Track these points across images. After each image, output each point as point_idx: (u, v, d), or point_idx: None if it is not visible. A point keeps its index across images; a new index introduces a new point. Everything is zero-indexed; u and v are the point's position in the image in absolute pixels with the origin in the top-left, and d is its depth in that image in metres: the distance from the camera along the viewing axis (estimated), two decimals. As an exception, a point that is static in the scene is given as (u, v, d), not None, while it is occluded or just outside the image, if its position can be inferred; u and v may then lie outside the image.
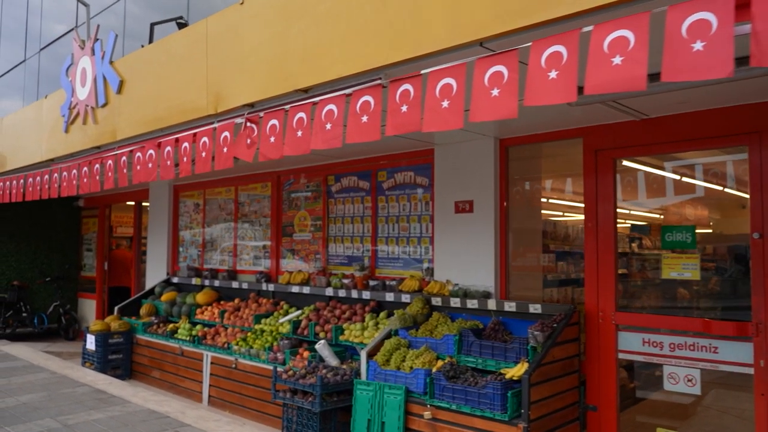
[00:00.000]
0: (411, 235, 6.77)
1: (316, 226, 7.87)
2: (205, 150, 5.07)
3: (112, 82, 6.28)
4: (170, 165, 5.47)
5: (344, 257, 7.51)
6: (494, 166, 5.92)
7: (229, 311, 8.17)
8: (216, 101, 5.01)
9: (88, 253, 13.04)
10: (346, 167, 7.48)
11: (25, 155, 8.43)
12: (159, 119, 5.70)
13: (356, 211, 7.39)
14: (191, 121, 5.37)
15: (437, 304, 6.14)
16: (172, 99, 5.55)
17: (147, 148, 5.80)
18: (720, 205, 5.40)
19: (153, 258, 10.63)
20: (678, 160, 5.27)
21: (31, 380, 7.33)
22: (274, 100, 4.57)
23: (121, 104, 6.21)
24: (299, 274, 7.85)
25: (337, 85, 4.10)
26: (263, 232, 8.65)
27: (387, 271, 7.01)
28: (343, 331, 6.57)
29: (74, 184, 7.10)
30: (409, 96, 3.56)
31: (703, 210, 5.49)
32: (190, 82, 5.30)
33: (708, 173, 5.26)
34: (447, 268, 6.25)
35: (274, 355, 6.73)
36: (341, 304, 7.11)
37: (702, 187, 5.33)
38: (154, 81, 5.79)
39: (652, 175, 5.59)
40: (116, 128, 6.27)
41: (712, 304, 5.18)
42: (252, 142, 4.67)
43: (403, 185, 6.89)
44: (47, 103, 7.90)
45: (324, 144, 4.01)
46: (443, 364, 5.17)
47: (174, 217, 10.32)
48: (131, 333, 9.02)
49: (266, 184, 8.62)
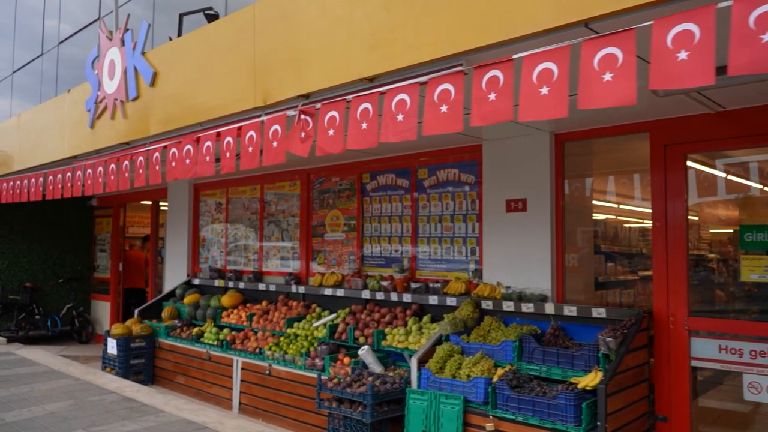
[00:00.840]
0: (455, 235, 6.47)
1: (349, 226, 7.56)
2: (252, 145, 4.76)
3: (144, 75, 5.96)
4: (210, 161, 5.15)
5: (381, 258, 7.20)
6: (549, 163, 5.62)
7: (258, 314, 7.86)
8: (265, 93, 4.69)
9: (102, 254, 12.71)
10: (382, 164, 7.17)
11: (45, 152, 8.10)
12: (197, 113, 5.38)
13: (394, 210, 7.08)
14: (235, 114, 5.06)
15: (488, 308, 5.84)
16: (213, 92, 5.24)
17: (184, 143, 5.49)
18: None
19: (172, 259, 10.31)
20: (759, 155, 4.97)
21: (55, 387, 7.01)
22: (333, 91, 4.26)
23: (155, 98, 5.89)
24: (332, 276, 7.54)
25: (408, 73, 3.80)
26: (291, 232, 8.34)
27: (428, 272, 6.71)
28: (385, 336, 6.27)
29: (100, 181, 6.78)
30: (498, 83, 3.25)
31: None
32: (235, 73, 4.99)
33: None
34: (496, 270, 5.94)
35: (312, 361, 6.42)
36: (379, 308, 6.81)
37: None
38: (193, 73, 5.47)
39: (728, 170, 5.29)
40: (149, 123, 5.95)
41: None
42: (307, 136, 4.36)
43: (446, 183, 6.58)
44: (70, 97, 7.57)
45: (396, 137, 3.70)
46: (505, 372, 4.87)
47: (194, 216, 10.00)
48: (153, 337, 8.70)
49: (295, 182, 8.31)
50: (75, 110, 7.39)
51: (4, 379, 7.42)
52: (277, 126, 4.57)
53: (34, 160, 8.31)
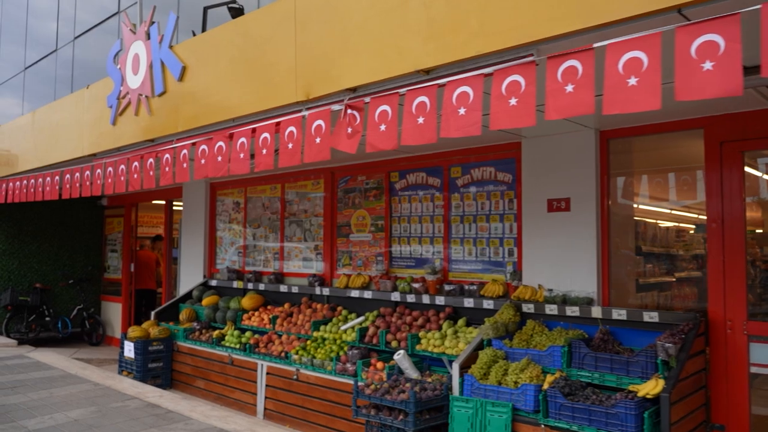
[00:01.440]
0: (491, 235, 6.26)
1: (377, 226, 7.34)
2: (292, 141, 4.54)
3: (172, 69, 5.74)
4: (245, 158, 4.94)
5: (411, 259, 6.99)
6: (595, 161, 5.41)
7: (281, 317, 7.64)
8: (307, 87, 4.48)
9: (113, 254, 12.49)
10: (412, 163, 6.96)
11: (62, 150, 7.87)
12: (231, 108, 5.16)
13: (425, 209, 6.87)
14: (272, 109, 4.85)
15: (528, 311, 5.63)
16: (248, 86, 5.02)
17: (216, 140, 5.27)
18: None
19: (187, 260, 10.09)
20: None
21: (74, 392, 6.78)
22: (384, 84, 4.05)
23: (184, 93, 5.67)
24: (359, 278, 7.33)
25: (470, 65, 3.59)
26: (315, 232, 8.12)
27: (462, 274, 6.50)
28: (419, 340, 6.05)
29: (122, 180, 6.56)
30: (576, 74, 3.05)
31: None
32: (274, 66, 4.77)
33: None
34: (537, 272, 5.74)
35: (343, 366, 6.21)
36: (410, 310, 6.60)
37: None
38: (226, 66, 5.26)
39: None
40: (176, 119, 5.73)
41: None
42: (354, 131, 4.15)
43: (481, 182, 6.37)
44: (89, 93, 7.34)
45: (458, 131, 3.50)
46: (556, 379, 4.66)
47: (211, 216, 9.78)
48: (171, 340, 8.48)
49: (318, 181, 8.10)
50: (95, 106, 7.17)
51: (21, 384, 7.19)
52: (321, 121, 4.35)
53: (49, 158, 8.08)
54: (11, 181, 9.21)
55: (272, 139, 4.75)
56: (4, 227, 11.44)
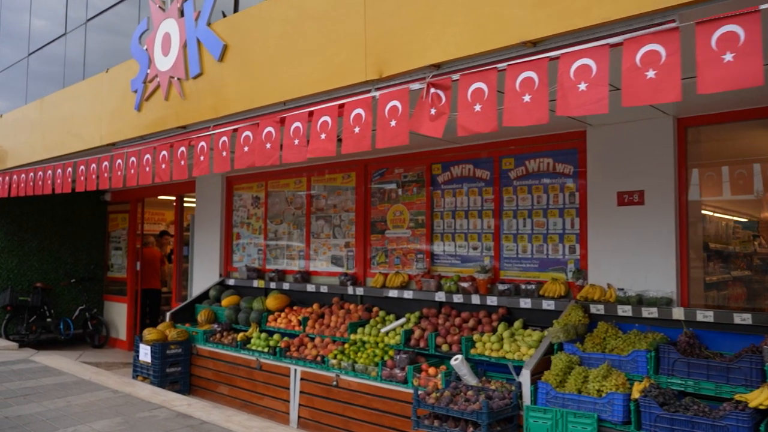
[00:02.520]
0: (550, 231, 5.84)
1: (417, 222, 6.90)
2: (360, 125, 4.08)
3: (211, 48, 5.24)
4: (300, 145, 4.47)
5: (456, 257, 6.56)
6: (673, 151, 5.02)
7: (312, 318, 7.17)
8: (379, 64, 4.02)
9: (116, 252, 11.91)
10: (457, 154, 6.53)
11: (75, 140, 7.32)
12: (282, 90, 4.69)
13: (472, 203, 6.44)
14: (334, 90, 4.38)
15: (598, 313, 5.22)
16: (304, 65, 4.55)
17: (263, 125, 4.79)
18: None
19: (201, 258, 9.57)
20: None
21: (93, 401, 6.26)
22: (475, 59, 3.61)
23: (224, 74, 5.18)
24: (398, 276, 6.88)
25: (590, 34, 3.16)
26: (345, 228, 7.66)
27: (514, 273, 6.08)
28: (474, 344, 5.62)
29: (148, 171, 6.05)
30: (736, 40, 2.63)
31: None
32: (337, 42, 4.30)
33: None
34: (605, 270, 5.33)
35: (389, 372, 5.76)
36: (457, 311, 6.18)
37: None
38: (277, 44, 4.78)
39: None
40: (216, 103, 5.24)
41: None
42: (439, 113, 3.70)
43: (537, 174, 5.96)
44: (109, 77, 6.80)
45: (579, 109, 3.07)
46: (646, 388, 4.25)
47: (227, 212, 9.27)
48: (189, 343, 7.97)
49: (349, 174, 7.63)
50: (115, 91, 6.64)
51: (33, 392, 6.66)
52: (397, 102, 3.90)
53: (61, 148, 7.52)
54: (15, 173, 8.62)
55: (334, 123, 4.28)
56: (3, 223, 10.83)
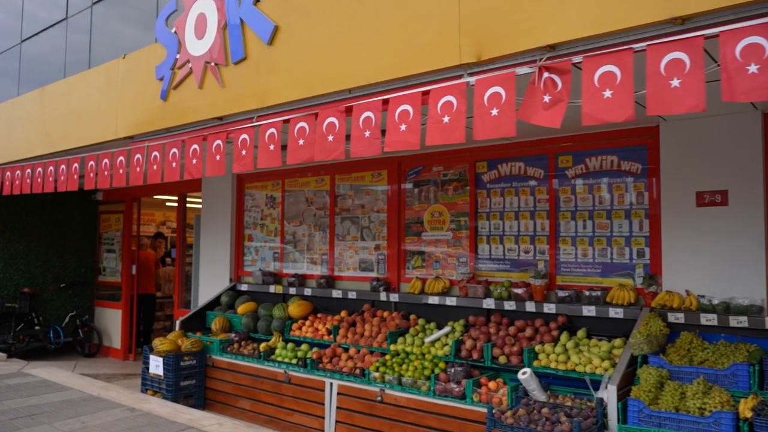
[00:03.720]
0: (614, 233, 5.46)
1: (458, 223, 6.45)
2: (450, 114, 3.62)
3: (258, 30, 4.71)
4: (372, 137, 3.98)
5: (504, 261, 6.13)
6: (761, 147, 4.68)
7: (344, 327, 6.66)
8: (478, 45, 3.56)
9: (109, 255, 11.18)
10: (506, 151, 6.10)
11: (85, 132, 6.67)
12: (348, 76, 4.20)
13: (523, 204, 6.02)
14: (415, 76, 3.91)
15: (677, 322, 4.85)
16: (377, 48, 4.06)
17: (325, 115, 4.28)
18: None
19: (207, 261, 8.97)
20: None
21: (111, 421, 5.65)
22: (603, 39, 3.18)
23: (273, 59, 4.65)
24: (438, 282, 6.43)
25: (749, 11, 2.75)
26: (375, 230, 7.17)
27: (573, 278, 5.68)
28: (536, 355, 5.21)
29: (174, 167, 5.48)
30: None
31: None
32: (424, 20, 3.83)
33: None
34: (683, 276, 4.97)
35: (444, 386, 5.30)
36: (509, 320, 5.76)
37: None
38: (342, 24, 4.27)
39: None
40: (263, 91, 4.71)
41: None
42: (555, 100, 3.26)
43: (600, 172, 5.57)
44: (126, 64, 6.18)
45: (749, 94, 2.66)
46: (756, 405, 3.88)
47: (238, 213, 8.69)
48: (204, 354, 7.38)
49: (380, 172, 7.15)
50: (134, 80, 6.03)
51: (39, 411, 6.00)
52: (500, 89, 3.44)
53: (67, 142, 6.86)
54: (8, 169, 7.90)
55: (416, 113, 3.81)
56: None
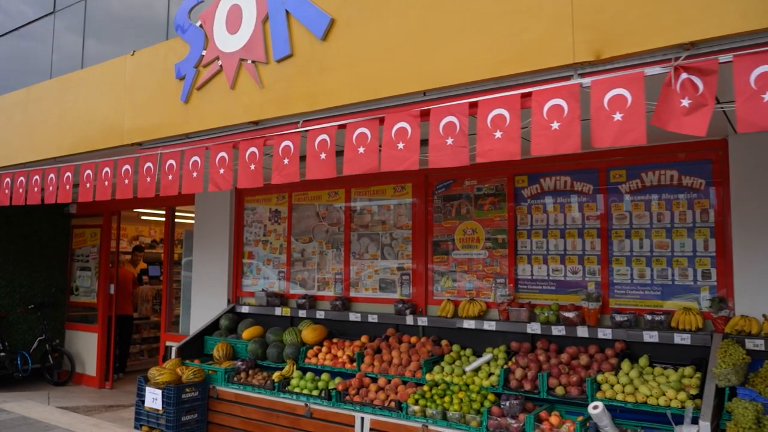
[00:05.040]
0: (675, 253, 5.11)
1: (495, 241, 6.01)
2: (560, 119, 3.18)
3: (310, 24, 4.17)
4: (455, 145, 3.50)
5: (549, 282, 5.72)
6: None
7: (369, 354, 6.10)
8: (597, 42, 3.13)
9: (83, 273, 10.27)
10: (550, 164, 5.71)
11: (81, 138, 5.93)
12: (426, 76, 3.70)
13: (570, 221, 5.63)
14: (510, 77, 3.45)
15: (756, 349, 4.51)
16: (467, 45, 3.59)
17: (393, 120, 3.78)
18: None
19: (201, 281, 8.25)
20: None
21: (115, 467, 4.93)
22: (758, 36, 2.79)
23: (328, 56, 4.12)
24: (474, 304, 5.96)
25: None
26: (398, 248, 6.66)
27: (628, 301, 5.30)
28: (599, 386, 4.79)
29: (195, 177, 4.85)
30: None
31: None
32: (527, 13, 3.38)
33: None
34: (758, 299, 4.65)
35: (498, 421, 4.81)
36: (556, 345, 5.34)
37: None
38: (418, 17, 3.77)
39: None
40: (313, 92, 4.16)
41: None
42: (696, 105, 2.85)
43: (657, 188, 5.23)
44: (134, 62, 5.50)
45: None
46: None
47: (237, 228, 8.03)
48: (207, 384, 6.68)
49: (403, 186, 6.65)
50: (146, 79, 5.37)
51: (26, 456, 5.21)
52: (624, 91, 3.02)
53: (60, 148, 6.09)
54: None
55: (514, 118, 3.35)
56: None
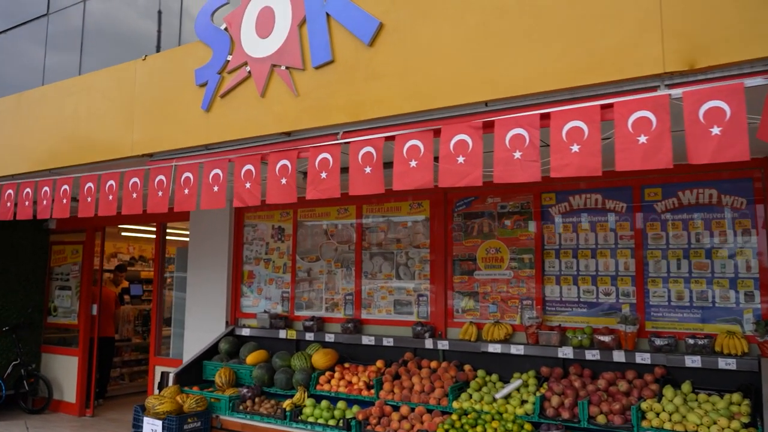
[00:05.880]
0: (716, 274, 4.95)
1: (521, 261, 5.77)
2: (647, 133, 2.96)
3: (356, 28, 3.87)
4: (526, 158, 3.24)
5: (580, 305, 5.49)
6: None
7: (387, 380, 5.76)
8: (691, 50, 2.92)
9: (62, 292, 9.67)
10: (579, 181, 5.52)
11: (83, 148, 5.47)
12: (489, 85, 3.44)
13: (602, 240, 5.43)
14: (587, 87, 3.22)
15: (808, 375, 4.35)
16: (536, 52, 3.35)
17: (451, 132, 3.51)
18: None
19: (196, 302, 7.80)
20: None
21: None
22: None
23: (376, 62, 3.82)
24: (499, 327, 5.69)
25: None
26: (415, 267, 6.36)
27: (666, 324, 5.11)
28: (644, 414, 4.56)
29: (217, 191, 4.48)
30: None
31: None
32: (608, 18, 3.15)
33: None
34: (807, 323, 4.50)
35: (538, 454, 4.54)
36: (591, 371, 5.12)
37: None
38: (481, 23, 3.52)
39: None
40: (357, 102, 3.86)
41: None
42: (806, 119, 2.66)
43: (695, 207, 5.07)
44: (146, 67, 5.10)
45: None
46: None
47: (236, 246, 7.63)
48: (210, 413, 6.23)
49: (420, 203, 6.38)
50: (162, 85, 4.98)
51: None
52: (721, 103, 2.82)
53: (56, 159, 5.62)
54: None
55: (593, 131, 3.12)
56: None
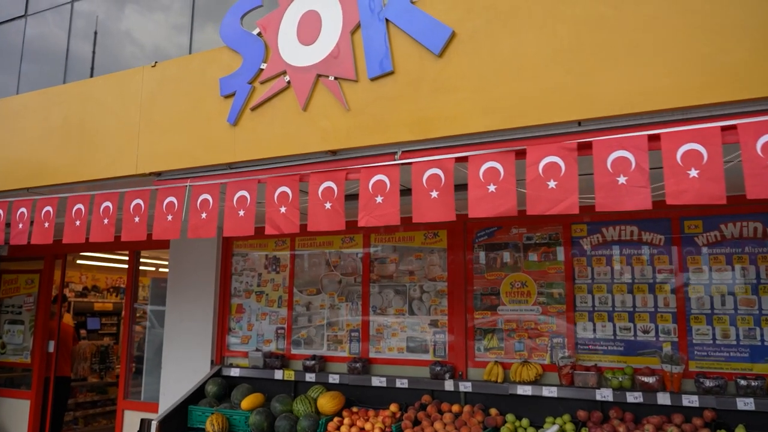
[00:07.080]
0: (764, 311, 4.74)
1: (549, 297, 5.44)
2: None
3: (423, 37, 3.46)
4: (629, 185, 2.90)
5: (616, 343, 5.18)
6: None
7: (408, 427, 5.26)
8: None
9: (13, 327, 8.66)
10: (612, 213, 5.26)
11: (78, 163, 4.79)
12: (584, 102, 3.10)
13: (638, 275, 5.17)
14: (701, 107, 2.93)
15: None
16: (647, 66, 3.04)
17: (538, 153, 3.14)
18: None
19: (176, 339, 7.07)
20: None
21: None
22: None
23: (446, 75, 3.42)
24: (529, 368, 5.31)
25: None
26: (431, 302, 5.92)
27: (711, 363, 4.85)
28: (702, 463, 4.25)
29: (243, 216, 3.94)
30: None
31: None
32: (720, 33, 2.87)
33: None
34: None
35: None
36: (632, 414, 4.79)
37: None
38: (580, 33, 3.18)
39: None
40: (426, 117, 3.43)
41: None
42: None
43: (739, 241, 4.88)
44: (156, 74, 4.51)
45: None
46: None
47: (224, 278, 6.98)
48: (201, 467, 5.54)
49: (436, 232, 5.98)
50: (176, 95, 4.39)
51: None
52: None
53: (42, 176, 4.89)
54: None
55: (714, 155, 2.82)
56: None
